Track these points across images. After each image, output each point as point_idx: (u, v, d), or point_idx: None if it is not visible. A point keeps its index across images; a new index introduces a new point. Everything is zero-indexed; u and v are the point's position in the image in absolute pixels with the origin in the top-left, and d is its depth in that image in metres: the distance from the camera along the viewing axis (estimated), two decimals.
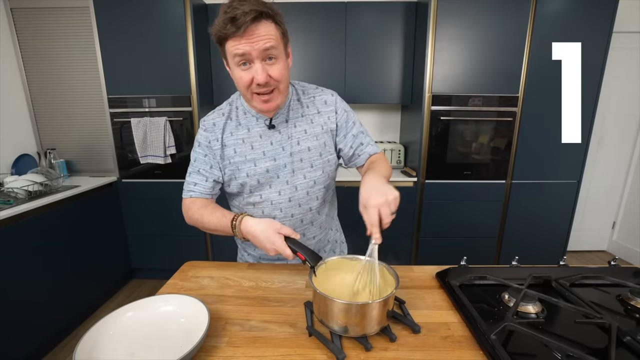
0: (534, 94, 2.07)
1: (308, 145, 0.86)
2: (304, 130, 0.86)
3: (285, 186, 0.87)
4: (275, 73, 0.73)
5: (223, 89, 2.40)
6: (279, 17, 0.71)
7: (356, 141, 0.91)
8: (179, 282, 0.85)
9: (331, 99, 0.89)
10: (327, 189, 0.93)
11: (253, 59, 0.70)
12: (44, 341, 1.74)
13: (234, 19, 0.65)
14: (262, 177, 0.85)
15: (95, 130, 2.38)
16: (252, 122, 0.86)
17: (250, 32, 0.67)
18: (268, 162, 0.85)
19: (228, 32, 0.67)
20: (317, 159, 0.87)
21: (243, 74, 0.73)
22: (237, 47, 0.69)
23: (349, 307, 0.58)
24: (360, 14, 2.24)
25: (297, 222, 0.90)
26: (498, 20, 1.99)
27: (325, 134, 0.88)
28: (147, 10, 2.05)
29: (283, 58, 0.75)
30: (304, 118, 0.87)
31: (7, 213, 1.54)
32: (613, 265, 0.88)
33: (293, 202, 0.88)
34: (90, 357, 0.54)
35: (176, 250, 2.38)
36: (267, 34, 0.69)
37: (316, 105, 0.88)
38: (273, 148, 0.85)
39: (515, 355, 0.56)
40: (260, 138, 0.85)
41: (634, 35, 2.48)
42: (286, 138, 0.85)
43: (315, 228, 0.94)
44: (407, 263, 2.23)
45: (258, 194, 0.88)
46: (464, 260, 0.89)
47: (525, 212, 2.25)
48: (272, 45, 0.70)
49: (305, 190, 0.88)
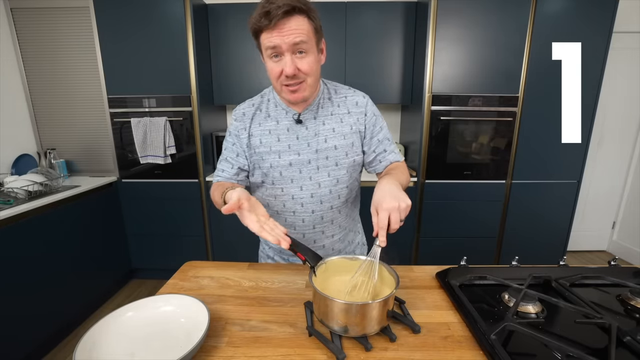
0: (534, 94, 2.07)
1: (335, 143, 0.87)
2: (332, 128, 0.87)
3: (308, 182, 0.88)
4: (303, 66, 0.75)
5: (223, 89, 2.40)
6: (312, 13, 0.74)
7: (380, 146, 0.92)
8: (179, 282, 0.85)
9: (362, 101, 0.90)
10: (350, 189, 0.93)
11: (283, 52, 0.73)
12: (44, 341, 1.74)
13: (268, 12, 0.69)
14: (285, 170, 0.87)
15: (95, 130, 2.37)
16: (281, 115, 0.87)
17: (281, 26, 0.70)
18: (292, 156, 0.86)
19: (262, 24, 0.71)
20: (343, 158, 0.88)
21: (274, 66, 0.76)
22: (269, 40, 0.72)
23: (349, 307, 0.58)
24: (360, 13, 2.24)
25: (317, 219, 0.91)
26: (498, 20, 1.99)
27: (354, 134, 0.89)
28: (147, 10, 2.05)
29: (314, 52, 0.77)
30: (333, 117, 0.88)
31: (7, 213, 1.54)
32: (613, 265, 0.88)
33: (315, 198, 0.89)
34: (90, 357, 0.54)
35: (176, 250, 2.38)
36: (298, 28, 0.71)
37: (347, 105, 0.89)
38: (298, 143, 0.86)
39: (515, 355, 0.56)
40: (287, 131, 0.86)
41: (634, 35, 2.48)
42: (313, 135, 0.86)
43: (334, 227, 0.94)
44: (407, 263, 2.23)
45: (280, 187, 0.89)
46: (464, 260, 0.89)
47: (525, 212, 2.25)
48: (302, 40, 0.72)
49: (329, 189, 0.89)
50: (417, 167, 2.22)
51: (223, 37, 2.30)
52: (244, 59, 2.33)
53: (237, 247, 2.38)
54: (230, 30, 2.28)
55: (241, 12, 2.24)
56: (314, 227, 0.92)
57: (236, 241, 2.37)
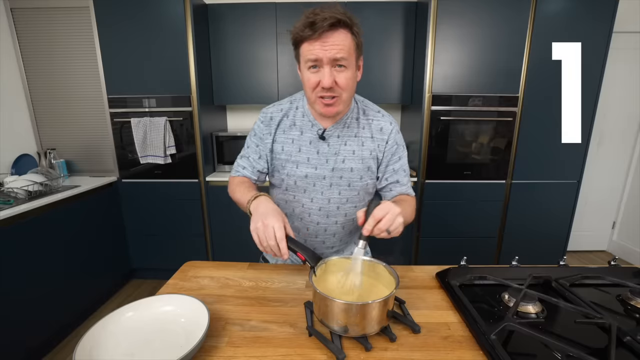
0: (534, 94, 2.07)
1: (352, 165, 0.88)
2: (353, 150, 0.88)
3: (319, 196, 0.89)
4: (341, 80, 0.75)
5: (223, 89, 2.40)
6: (356, 28, 0.74)
7: (393, 176, 0.92)
8: (179, 282, 0.85)
9: (388, 128, 0.90)
10: (357, 208, 0.93)
11: (323, 64, 0.73)
12: (44, 341, 1.74)
13: (313, 23, 0.69)
14: (300, 181, 0.89)
15: (95, 130, 2.37)
16: (307, 126, 0.88)
17: (325, 38, 0.70)
18: (309, 169, 0.88)
19: (305, 35, 0.71)
20: (357, 181, 0.89)
21: (311, 76, 0.75)
22: (311, 52, 0.72)
23: (349, 307, 0.58)
24: (360, 14, 2.23)
25: (320, 230, 0.93)
26: (498, 20, 1.99)
27: (372, 159, 0.89)
28: (147, 10, 2.05)
29: (352, 69, 0.77)
30: (356, 139, 0.88)
31: (7, 213, 1.54)
32: (613, 265, 0.88)
33: (322, 211, 0.91)
34: (90, 357, 0.54)
35: (176, 250, 2.38)
36: (341, 44, 0.71)
37: (372, 129, 0.89)
38: (318, 157, 0.87)
39: (515, 355, 0.56)
40: (309, 144, 0.87)
41: (634, 35, 2.48)
42: (333, 153, 0.87)
43: (335, 239, 0.96)
44: (407, 263, 2.22)
45: (292, 194, 0.91)
46: (464, 260, 0.89)
47: (525, 212, 2.25)
48: (343, 57, 0.72)
49: (337, 205, 0.90)
50: (417, 167, 2.22)
51: (223, 37, 2.30)
52: (244, 59, 2.33)
53: (237, 247, 2.38)
54: (230, 30, 2.28)
55: (241, 12, 2.24)
56: (317, 237, 0.95)
57: (236, 241, 2.37)
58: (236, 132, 2.40)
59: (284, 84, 2.37)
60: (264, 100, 2.41)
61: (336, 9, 0.71)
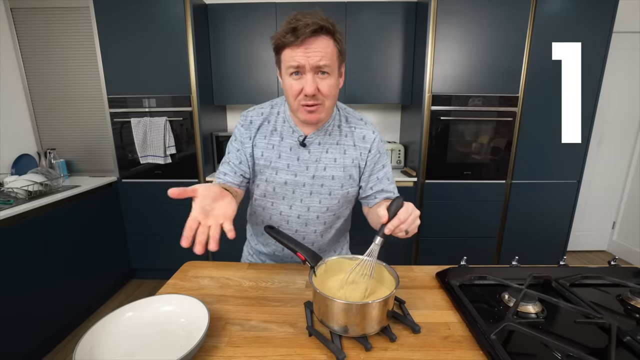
0: (534, 94, 2.07)
1: (333, 173, 0.87)
2: (334, 158, 0.86)
3: (298, 203, 0.89)
4: (324, 88, 0.74)
5: (223, 89, 2.40)
6: (338, 35, 0.73)
7: (378, 185, 0.90)
8: (179, 282, 0.85)
9: (370, 136, 0.89)
10: (337, 217, 0.93)
11: (305, 71, 0.72)
12: (44, 341, 1.74)
13: (295, 29, 0.68)
14: (279, 187, 0.88)
15: (95, 130, 2.37)
16: (287, 132, 0.86)
17: (307, 44, 0.69)
18: (288, 176, 0.86)
19: (287, 41, 0.70)
20: (338, 189, 0.88)
21: (294, 83, 0.74)
22: (293, 58, 0.71)
23: (349, 307, 0.58)
24: (360, 14, 2.24)
25: (298, 238, 0.92)
26: (498, 20, 1.99)
27: (354, 167, 0.88)
28: (147, 10, 2.05)
29: (335, 75, 0.76)
30: (338, 146, 0.87)
31: (7, 213, 1.54)
32: (613, 265, 0.88)
33: (301, 219, 0.90)
34: (90, 357, 0.54)
35: (176, 250, 2.35)
36: (324, 50, 0.71)
37: (354, 137, 0.88)
38: (298, 164, 0.86)
39: (515, 355, 0.56)
40: (290, 151, 0.86)
41: (634, 35, 2.48)
42: (313, 160, 0.86)
43: (314, 248, 0.95)
44: (407, 263, 2.23)
45: (270, 201, 0.90)
46: (464, 260, 0.89)
47: (525, 212, 2.25)
48: (326, 64, 0.72)
49: (316, 214, 0.90)
50: (417, 167, 2.22)
51: (223, 37, 2.30)
52: (244, 59, 2.33)
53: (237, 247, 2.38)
54: (230, 30, 2.28)
55: (241, 12, 2.24)
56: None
57: (236, 241, 2.37)
58: None
59: None
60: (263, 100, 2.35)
61: (318, 15, 0.70)
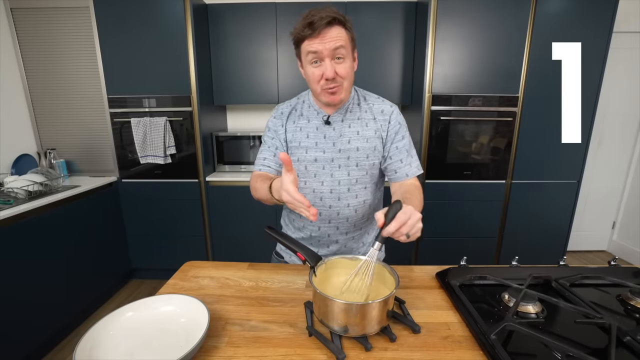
0: (534, 94, 2.07)
1: (357, 145, 0.93)
2: (357, 131, 0.93)
3: (329, 178, 0.93)
4: (341, 70, 0.83)
5: (223, 89, 2.40)
6: (349, 24, 0.83)
7: (397, 154, 0.95)
8: (179, 282, 0.85)
9: (389, 109, 0.96)
10: (368, 190, 0.96)
11: (324, 57, 0.81)
12: (44, 341, 1.74)
13: (312, 23, 0.77)
14: (310, 165, 0.94)
15: (95, 130, 2.37)
16: (312, 115, 0.95)
17: (323, 34, 0.78)
18: (317, 153, 0.93)
19: (305, 34, 0.79)
20: (364, 160, 0.93)
21: (315, 70, 0.83)
22: (311, 46, 0.80)
23: (349, 307, 0.58)
24: (360, 13, 2.24)
25: (333, 214, 0.95)
26: (498, 20, 1.99)
27: (377, 139, 0.94)
28: (147, 10, 2.05)
29: (350, 59, 0.85)
30: (359, 121, 0.94)
31: (7, 213, 1.54)
32: (613, 265, 0.88)
33: (334, 194, 0.94)
34: (90, 357, 0.54)
35: (176, 250, 2.38)
36: (337, 37, 0.79)
37: (373, 112, 0.96)
38: (325, 141, 0.93)
39: (515, 355, 0.56)
40: (316, 130, 0.94)
41: (634, 35, 2.48)
42: (338, 135, 0.93)
43: (349, 225, 0.97)
44: (407, 263, 2.23)
45: (303, 180, 0.95)
46: (464, 260, 0.89)
47: (525, 212, 2.25)
48: (341, 45, 0.80)
49: (347, 187, 0.94)
50: None
51: (223, 37, 2.30)
52: (244, 59, 2.33)
53: (237, 247, 2.38)
54: (230, 30, 2.28)
55: (241, 12, 2.24)
56: (330, 222, 0.96)
57: (236, 241, 2.37)
58: (236, 132, 2.40)
59: (284, 84, 2.37)
60: (264, 100, 2.41)
61: (330, 9, 0.79)
